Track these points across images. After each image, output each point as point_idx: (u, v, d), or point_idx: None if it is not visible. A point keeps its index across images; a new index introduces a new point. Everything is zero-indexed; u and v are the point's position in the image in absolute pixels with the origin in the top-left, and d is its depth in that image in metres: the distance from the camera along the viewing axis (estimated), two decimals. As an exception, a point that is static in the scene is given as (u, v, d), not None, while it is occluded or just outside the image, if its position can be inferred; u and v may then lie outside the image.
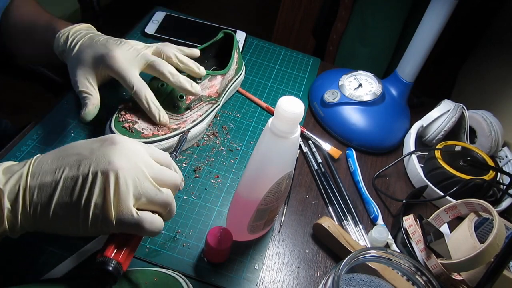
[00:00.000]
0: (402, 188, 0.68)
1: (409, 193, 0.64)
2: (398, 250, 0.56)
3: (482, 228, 0.56)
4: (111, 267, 0.37)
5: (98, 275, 0.38)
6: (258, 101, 0.75)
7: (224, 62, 0.70)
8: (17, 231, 0.38)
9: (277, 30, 1.41)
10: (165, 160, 0.44)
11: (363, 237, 0.57)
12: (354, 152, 0.70)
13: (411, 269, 0.41)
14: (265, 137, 0.42)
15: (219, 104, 0.68)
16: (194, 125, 0.62)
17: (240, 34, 0.86)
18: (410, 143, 0.71)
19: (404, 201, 0.62)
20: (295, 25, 1.38)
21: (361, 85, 0.74)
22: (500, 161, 0.71)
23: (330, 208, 0.61)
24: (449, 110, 0.71)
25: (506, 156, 0.71)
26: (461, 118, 0.71)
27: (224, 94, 0.70)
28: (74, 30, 0.59)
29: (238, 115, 0.72)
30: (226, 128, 0.69)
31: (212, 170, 0.62)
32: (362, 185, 0.65)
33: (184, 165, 0.62)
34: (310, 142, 0.71)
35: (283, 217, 0.59)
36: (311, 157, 0.68)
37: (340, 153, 0.69)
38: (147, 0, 0.85)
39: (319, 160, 0.67)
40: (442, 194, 0.63)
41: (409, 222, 0.56)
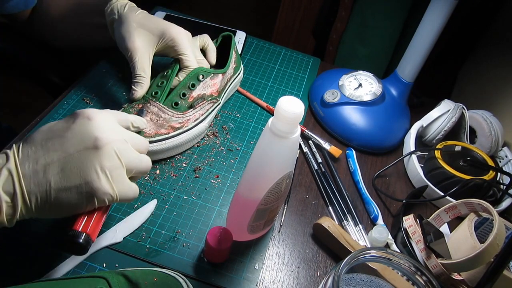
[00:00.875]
0: (402, 188, 0.68)
1: (409, 193, 0.64)
2: (398, 250, 0.56)
3: (482, 228, 0.56)
4: (82, 240, 0.40)
5: (70, 248, 0.40)
6: (258, 101, 0.75)
7: (223, 63, 0.71)
8: (14, 221, 0.39)
9: (277, 30, 1.41)
10: (126, 122, 0.46)
11: (363, 237, 0.57)
12: (354, 152, 0.70)
13: (411, 269, 0.41)
14: (265, 137, 0.42)
15: (220, 103, 0.68)
16: (196, 124, 0.62)
17: (240, 34, 0.86)
18: (410, 143, 0.71)
19: (404, 201, 0.62)
20: (295, 25, 1.38)
21: (361, 85, 0.74)
22: (500, 161, 0.71)
23: (330, 208, 0.61)
24: (449, 110, 0.71)
25: (506, 156, 0.71)
26: (461, 118, 0.71)
27: (224, 93, 0.70)
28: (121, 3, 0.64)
29: (238, 115, 0.72)
30: (226, 128, 0.69)
31: (212, 170, 0.62)
32: (362, 185, 0.65)
33: (184, 165, 0.62)
34: (310, 142, 0.71)
35: (283, 217, 0.59)
36: (311, 157, 0.68)
37: (341, 152, 0.69)
38: (147, 0, 0.85)
39: (319, 160, 0.67)
40: (442, 194, 0.63)
41: (409, 222, 0.56)
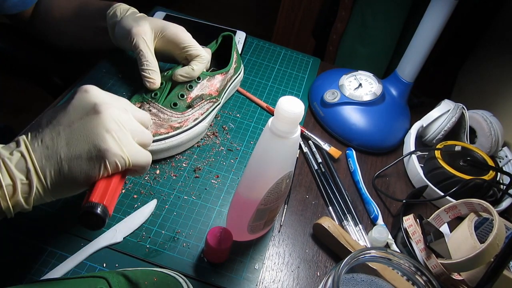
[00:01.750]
0: (402, 188, 0.68)
1: (409, 193, 0.64)
2: (398, 250, 0.56)
3: (482, 228, 0.56)
4: (98, 210, 0.39)
5: (88, 222, 0.39)
6: (258, 101, 0.75)
7: (223, 63, 0.71)
8: (31, 202, 0.39)
9: (277, 30, 1.41)
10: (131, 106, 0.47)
11: (363, 237, 0.57)
12: (354, 152, 0.70)
13: (411, 269, 0.41)
14: (265, 137, 0.42)
15: (220, 103, 0.68)
16: (196, 124, 0.62)
17: (240, 34, 0.86)
18: (410, 143, 0.71)
19: (404, 201, 0.62)
20: (295, 25, 1.38)
21: (361, 85, 0.74)
22: (500, 161, 0.71)
23: (330, 208, 0.61)
24: (449, 110, 0.71)
25: (506, 156, 0.71)
26: (461, 118, 0.71)
27: (224, 93, 0.70)
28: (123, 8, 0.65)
29: (238, 115, 0.72)
30: (226, 128, 0.69)
31: (212, 170, 0.62)
32: (362, 185, 0.65)
33: (184, 165, 0.62)
34: (310, 142, 0.71)
35: (283, 217, 0.59)
36: (311, 157, 0.68)
37: (340, 153, 0.69)
38: (147, 0, 0.86)
39: (319, 160, 0.67)
40: (442, 194, 0.63)
41: (409, 222, 0.56)
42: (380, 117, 0.72)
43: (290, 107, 0.39)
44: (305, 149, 0.69)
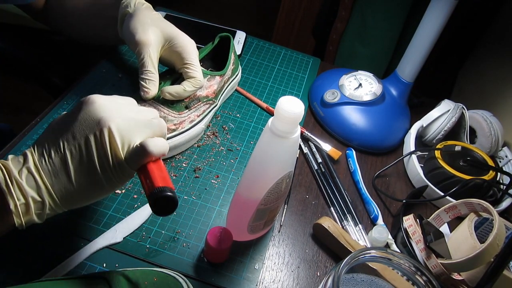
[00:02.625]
0: (402, 188, 0.68)
1: (409, 193, 0.64)
2: (398, 250, 0.56)
3: (482, 228, 0.56)
4: (170, 192, 0.39)
5: (160, 206, 0.39)
6: (258, 102, 0.75)
7: (220, 63, 0.70)
8: (44, 216, 0.40)
9: (277, 30, 1.41)
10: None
11: (363, 237, 0.57)
12: (354, 152, 0.70)
13: (411, 269, 0.41)
14: (265, 137, 0.42)
15: (217, 105, 0.68)
16: (192, 126, 0.62)
17: (240, 34, 0.86)
18: (410, 143, 0.71)
19: (404, 201, 0.62)
20: (295, 25, 1.38)
21: (361, 85, 0.74)
22: (500, 161, 0.71)
23: (331, 208, 0.61)
24: (449, 110, 0.71)
25: (506, 156, 0.71)
26: (461, 118, 0.71)
27: (221, 95, 0.70)
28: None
29: (238, 115, 0.72)
30: (226, 128, 0.69)
31: (212, 170, 0.62)
32: (362, 185, 0.65)
33: (184, 165, 0.62)
34: (310, 142, 0.71)
35: (283, 217, 0.59)
36: (311, 157, 0.68)
37: (340, 154, 0.69)
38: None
39: (319, 160, 0.67)
40: (442, 194, 0.63)
41: (409, 222, 0.56)
42: (380, 117, 0.72)
43: (290, 107, 0.39)
44: (305, 149, 0.69)
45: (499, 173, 0.67)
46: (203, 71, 0.64)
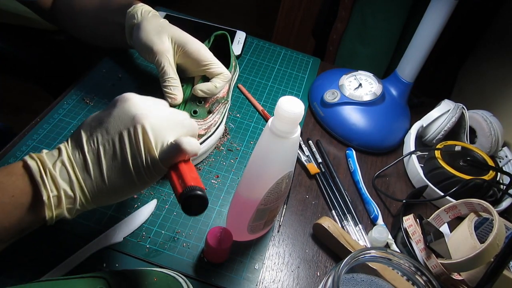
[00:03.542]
0: (402, 188, 0.68)
1: (409, 193, 0.64)
2: (398, 250, 0.56)
3: (482, 228, 0.56)
4: (201, 192, 0.39)
5: (191, 206, 0.39)
6: (255, 103, 0.74)
7: (220, 61, 0.70)
8: (74, 212, 0.40)
9: (277, 30, 1.41)
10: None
11: (363, 237, 0.57)
12: (354, 152, 0.70)
13: (411, 269, 0.41)
14: (265, 137, 0.42)
15: (229, 104, 0.69)
16: (217, 128, 0.62)
17: (240, 34, 0.86)
18: (410, 143, 0.71)
19: (404, 201, 0.62)
20: (295, 25, 1.38)
21: (361, 85, 0.74)
22: (500, 161, 0.71)
23: (332, 209, 0.61)
24: (449, 110, 0.71)
25: (506, 156, 0.71)
26: (461, 118, 0.71)
27: (230, 92, 0.70)
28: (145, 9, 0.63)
29: (238, 115, 0.72)
30: (226, 128, 0.69)
31: (212, 170, 0.62)
32: (362, 185, 0.65)
33: (184, 165, 0.62)
34: (310, 142, 0.71)
35: (283, 217, 0.59)
36: (311, 157, 0.68)
37: (318, 171, 0.65)
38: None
39: (319, 160, 0.67)
40: (442, 194, 0.63)
41: (409, 222, 0.56)
42: (380, 117, 0.72)
43: (290, 107, 0.39)
44: (305, 150, 0.69)
45: (499, 173, 0.67)
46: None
